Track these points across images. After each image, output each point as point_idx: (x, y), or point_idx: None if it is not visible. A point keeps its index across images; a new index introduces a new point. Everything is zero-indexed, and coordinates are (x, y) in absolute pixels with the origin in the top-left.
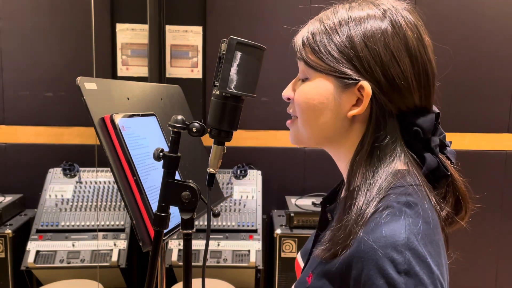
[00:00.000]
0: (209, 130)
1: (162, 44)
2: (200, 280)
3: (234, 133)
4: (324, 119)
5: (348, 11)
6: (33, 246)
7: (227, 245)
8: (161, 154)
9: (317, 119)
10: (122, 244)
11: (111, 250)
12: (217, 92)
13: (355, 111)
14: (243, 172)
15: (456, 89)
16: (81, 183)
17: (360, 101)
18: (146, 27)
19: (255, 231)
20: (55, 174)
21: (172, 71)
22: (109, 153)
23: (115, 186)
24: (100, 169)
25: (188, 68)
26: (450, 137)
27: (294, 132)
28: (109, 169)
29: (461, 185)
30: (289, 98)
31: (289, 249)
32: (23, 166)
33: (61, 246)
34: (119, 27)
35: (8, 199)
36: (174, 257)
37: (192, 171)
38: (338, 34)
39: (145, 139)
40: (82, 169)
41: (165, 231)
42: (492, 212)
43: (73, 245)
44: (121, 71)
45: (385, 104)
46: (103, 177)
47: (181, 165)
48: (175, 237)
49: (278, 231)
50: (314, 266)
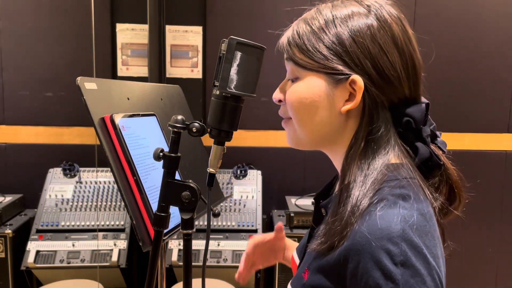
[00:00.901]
0: (209, 130)
1: (162, 44)
2: (200, 280)
3: (234, 133)
4: (319, 117)
5: (332, 10)
6: (33, 246)
7: (227, 245)
8: (161, 154)
9: (312, 118)
10: (122, 244)
11: (111, 250)
12: (217, 92)
13: (348, 105)
14: (243, 172)
15: (456, 89)
16: (81, 183)
17: (353, 95)
18: (146, 27)
19: (255, 231)
20: (55, 174)
21: (172, 71)
22: (109, 153)
23: (115, 186)
24: (100, 169)
25: (188, 68)
26: (450, 137)
27: (291, 133)
28: (109, 169)
29: (454, 173)
30: (280, 101)
31: None
32: (23, 166)
33: (61, 246)
34: (119, 27)
35: (8, 199)
36: (174, 257)
37: (192, 171)
38: (325, 32)
39: (145, 139)
40: (82, 169)
41: (165, 231)
42: (492, 212)
43: (73, 245)
44: (121, 71)
45: (377, 97)
46: (103, 177)
47: (181, 165)
48: (175, 237)
49: None
50: (309, 261)
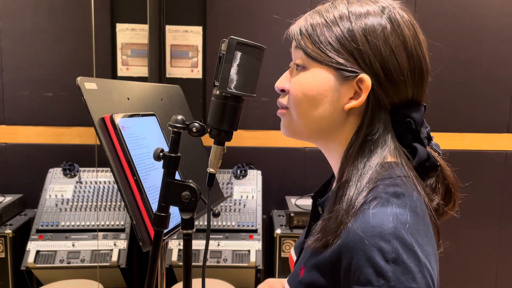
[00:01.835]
0: (209, 130)
1: (162, 44)
2: (200, 280)
3: (234, 133)
4: (321, 111)
5: (348, 6)
6: (33, 246)
7: (227, 245)
8: (161, 154)
9: (313, 110)
10: (122, 244)
11: (111, 250)
12: (217, 92)
13: (352, 103)
14: (243, 172)
15: (456, 89)
16: (81, 183)
17: (358, 94)
18: (146, 27)
19: (255, 231)
20: (55, 174)
21: (172, 71)
22: (109, 153)
23: (115, 186)
24: (100, 169)
25: (188, 68)
26: (450, 137)
27: (287, 123)
28: (109, 169)
29: (450, 174)
30: (283, 90)
31: (289, 249)
32: (23, 166)
33: (61, 246)
34: (119, 27)
35: (8, 199)
36: (174, 257)
37: (192, 171)
38: (339, 26)
39: (145, 139)
40: (82, 169)
41: (165, 231)
42: (492, 212)
43: (73, 245)
44: (121, 71)
45: (381, 98)
46: (103, 177)
47: (181, 165)
48: (175, 237)
49: (278, 231)
50: (306, 259)
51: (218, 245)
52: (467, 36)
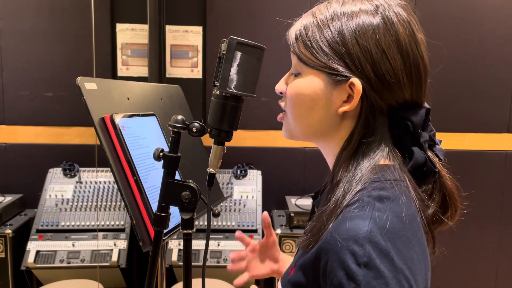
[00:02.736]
0: (209, 130)
1: (162, 44)
2: (200, 280)
3: (234, 133)
4: (315, 114)
5: (341, 6)
6: (33, 246)
7: (227, 245)
8: (161, 154)
9: (307, 114)
10: (122, 244)
11: (111, 250)
12: (217, 92)
13: (345, 107)
14: (243, 172)
15: (456, 89)
16: (81, 183)
17: (351, 97)
18: (146, 27)
19: (255, 231)
20: (55, 174)
21: (172, 71)
22: (109, 153)
23: (115, 186)
24: (100, 169)
25: (188, 68)
26: (450, 137)
27: (286, 126)
28: (109, 169)
29: (449, 182)
30: (281, 92)
31: (289, 249)
32: (23, 166)
33: (61, 246)
34: (119, 27)
35: (8, 199)
36: (174, 257)
37: (192, 171)
38: (329, 29)
39: (145, 139)
40: (82, 169)
41: (165, 231)
42: (492, 212)
43: (73, 245)
44: (121, 71)
45: (375, 101)
46: (103, 177)
47: (181, 165)
48: (175, 237)
49: (278, 231)
50: (297, 258)
51: (218, 245)
52: (467, 36)
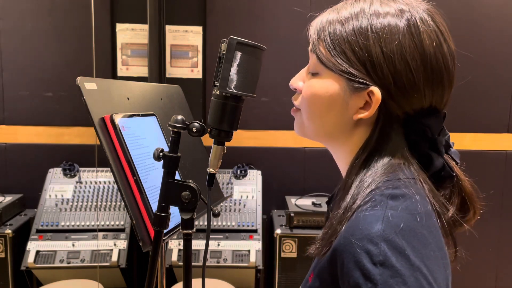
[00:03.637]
0: (209, 130)
1: (162, 44)
2: (200, 280)
3: (234, 133)
4: (329, 117)
5: (369, 7)
6: (33, 246)
7: (227, 245)
8: (161, 154)
9: (322, 116)
10: (122, 244)
11: (111, 250)
12: (217, 92)
13: (362, 114)
14: (243, 172)
15: (456, 89)
16: (81, 183)
17: (368, 104)
18: (146, 27)
19: (255, 231)
20: (55, 174)
21: (172, 71)
22: (109, 153)
23: (115, 186)
24: (100, 169)
25: (188, 68)
26: (450, 136)
27: (299, 123)
28: (109, 169)
29: (467, 185)
30: (296, 89)
31: (289, 249)
32: (23, 166)
33: (61, 246)
34: (119, 27)
35: (8, 199)
36: (174, 257)
37: (192, 171)
38: (354, 32)
39: (145, 139)
40: (82, 169)
41: (165, 231)
42: (492, 212)
43: (73, 245)
44: (121, 71)
45: (393, 109)
46: (103, 177)
47: (181, 165)
48: (175, 237)
49: (278, 231)
50: (314, 265)
51: (218, 245)
52: (467, 36)
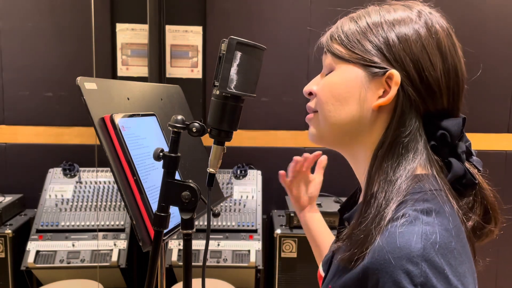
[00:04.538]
0: (209, 130)
1: (162, 44)
2: (200, 280)
3: (234, 133)
4: (348, 110)
5: (380, 12)
6: (33, 246)
7: (227, 245)
8: (161, 154)
9: (340, 110)
10: (122, 244)
11: (111, 250)
12: (217, 92)
13: (381, 100)
14: (243, 172)
15: None
16: (81, 183)
17: (387, 93)
18: (146, 27)
19: (255, 231)
20: (55, 174)
21: (172, 71)
22: (109, 153)
23: (115, 186)
24: (100, 169)
25: (188, 68)
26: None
27: (315, 128)
28: (109, 169)
29: (490, 194)
30: (310, 93)
31: (289, 249)
32: (23, 166)
33: (61, 246)
34: (119, 27)
35: (8, 199)
36: (174, 257)
37: (192, 171)
38: (369, 26)
39: (145, 139)
40: (82, 169)
41: (165, 231)
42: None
43: (73, 245)
44: (121, 71)
45: (413, 97)
46: (103, 177)
47: (181, 165)
48: (175, 237)
49: (278, 231)
50: (332, 277)
51: (218, 245)
52: (467, 36)
